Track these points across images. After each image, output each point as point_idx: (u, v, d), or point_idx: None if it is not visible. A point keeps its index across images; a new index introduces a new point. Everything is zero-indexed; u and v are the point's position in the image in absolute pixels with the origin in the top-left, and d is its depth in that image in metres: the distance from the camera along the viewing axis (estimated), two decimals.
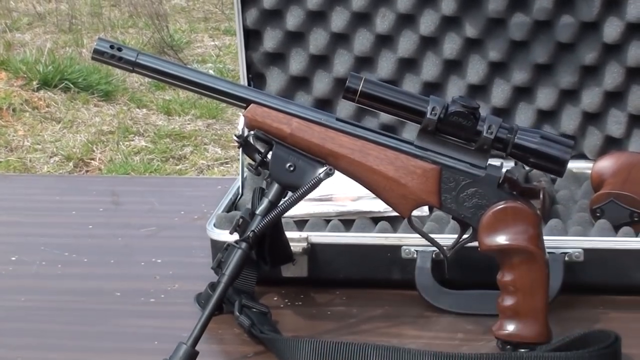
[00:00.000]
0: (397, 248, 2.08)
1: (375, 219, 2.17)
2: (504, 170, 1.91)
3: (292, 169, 1.92)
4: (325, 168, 1.91)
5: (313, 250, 2.13)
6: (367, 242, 2.13)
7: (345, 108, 2.42)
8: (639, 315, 2.02)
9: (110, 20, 7.25)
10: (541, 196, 2.18)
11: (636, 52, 2.34)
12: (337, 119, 1.93)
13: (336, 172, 1.92)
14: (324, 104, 2.37)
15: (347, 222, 2.21)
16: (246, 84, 2.43)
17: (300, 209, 2.20)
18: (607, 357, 1.85)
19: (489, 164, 1.90)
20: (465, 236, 1.94)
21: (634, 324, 1.98)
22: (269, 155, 1.93)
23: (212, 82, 1.95)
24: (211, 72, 2.21)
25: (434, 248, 1.96)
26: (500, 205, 1.88)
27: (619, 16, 2.33)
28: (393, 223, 2.15)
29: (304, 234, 2.14)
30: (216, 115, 5.87)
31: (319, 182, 1.90)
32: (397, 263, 2.10)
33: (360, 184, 1.93)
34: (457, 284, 2.03)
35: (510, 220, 1.88)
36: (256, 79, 2.46)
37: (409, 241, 2.05)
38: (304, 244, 2.12)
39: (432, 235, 1.97)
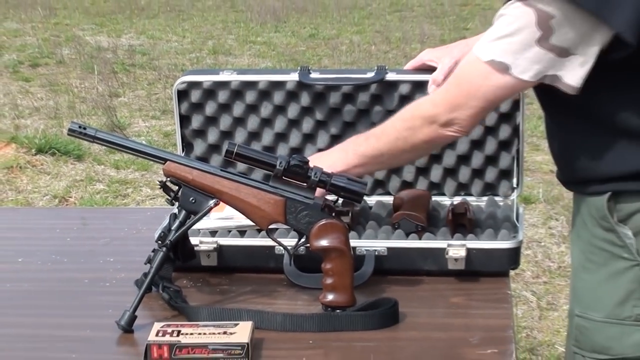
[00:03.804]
0: (272, 248, 2.06)
1: (259, 230, 2.13)
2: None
3: (193, 201, 1.90)
4: (214, 200, 1.89)
5: (220, 249, 2.11)
6: (254, 244, 2.11)
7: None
8: (411, 287, 2.02)
9: (80, 111, 7.18)
10: (350, 214, 2.18)
11: None
12: (221, 169, 1.92)
13: (222, 203, 1.92)
14: (228, 162, 2.26)
15: (242, 231, 2.19)
16: (181, 149, 2.38)
17: (212, 224, 2.19)
18: (390, 315, 1.87)
19: (315, 196, 1.90)
20: (301, 241, 1.93)
21: (407, 292, 1.98)
22: (180, 193, 1.92)
23: (144, 148, 1.94)
24: (144, 142, 2.17)
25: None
26: (322, 222, 1.88)
27: (382, 106, 2.30)
28: (271, 232, 2.05)
29: (214, 239, 2.12)
30: (147, 169, 5.83)
31: (210, 209, 1.90)
32: (272, 257, 2.08)
33: (236, 209, 1.92)
34: (310, 269, 2.02)
35: (328, 230, 1.88)
36: (187, 146, 2.40)
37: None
38: (215, 245, 2.10)
39: (280, 240, 1.97)
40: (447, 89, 1.88)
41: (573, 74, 1.73)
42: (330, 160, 1.95)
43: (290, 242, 1.97)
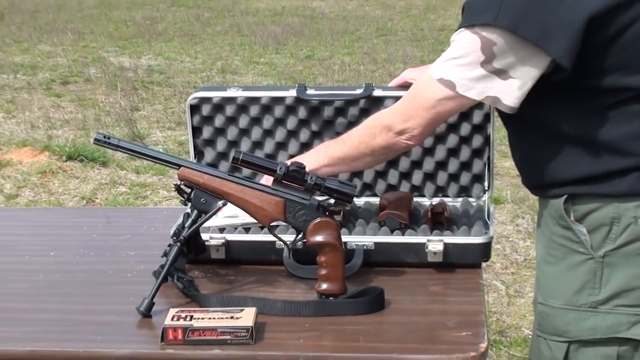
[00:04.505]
0: (273, 243, 2.06)
1: (262, 227, 2.12)
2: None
3: (204, 202, 1.90)
4: (222, 201, 1.89)
5: (228, 244, 2.11)
6: (257, 239, 2.11)
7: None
8: (395, 278, 2.02)
9: (105, 123, 7.17)
10: (341, 213, 2.18)
11: None
12: (229, 174, 1.92)
13: (229, 203, 1.91)
14: (235, 168, 2.25)
15: (246, 228, 2.19)
16: (193, 156, 2.37)
17: (220, 222, 2.18)
18: (377, 302, 1.87)
19: (312, 197, 1.90)
20: (299, 237, 1.93)
21: (391, 282, 1.98)
22: (192, 195, 1.91)
23: (161, 155, 1.93)
24: (160, 150, 2.16)
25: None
26: (317, 220, 1.88)
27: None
28: (272, 229, 2.05)
29: (223, 235, 2.12)
30: (164, 173, 5.81)
31: (218, 209, 1.89)
32: (274, 251, 2.08)
33: (241, 209, 1.92)
34: (306, 262, 2.01)
35: (323, 227, 1.88)
36: (199, 154, 2.39)
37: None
38: (223, 240, 2.10)
39: (281, 236, 1.97)
40: (403, 102, 1.90)
41: (511, 96, 1.74)
42: (306, 160, 1.96)
43: (289, 237, 1.97)
